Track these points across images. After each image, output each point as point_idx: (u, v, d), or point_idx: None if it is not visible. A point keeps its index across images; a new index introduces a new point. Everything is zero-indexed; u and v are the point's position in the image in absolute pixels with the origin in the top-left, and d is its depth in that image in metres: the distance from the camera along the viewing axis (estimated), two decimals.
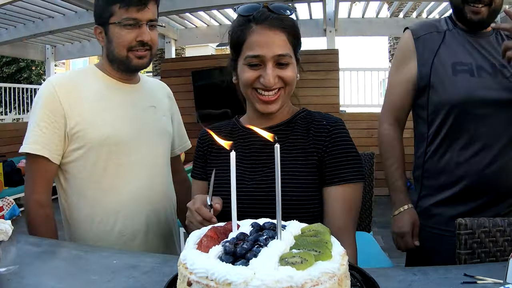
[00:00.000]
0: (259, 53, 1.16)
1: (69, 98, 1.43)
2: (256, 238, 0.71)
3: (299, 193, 1.17)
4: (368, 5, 7.59)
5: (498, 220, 1.42)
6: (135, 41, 1.44)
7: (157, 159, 1.59)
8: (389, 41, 9.75)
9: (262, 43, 1.17)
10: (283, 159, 1.15)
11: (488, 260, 1.42)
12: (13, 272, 0.99)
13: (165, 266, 1.06)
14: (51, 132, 1.41)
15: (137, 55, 1.46)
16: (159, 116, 1.62)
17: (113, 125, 1.46)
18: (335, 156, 1.19)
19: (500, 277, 0.89)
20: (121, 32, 1.43)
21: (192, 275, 0.64)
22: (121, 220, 1.48)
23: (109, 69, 1.54)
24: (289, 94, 1.25)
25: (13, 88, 8.81)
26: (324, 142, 1.21)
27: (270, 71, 1.16)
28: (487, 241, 1.42)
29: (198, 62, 6.89)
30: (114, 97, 1.51)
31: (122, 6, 1.40)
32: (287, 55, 1.18)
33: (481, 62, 1.51)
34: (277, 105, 1.21)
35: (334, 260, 0.66)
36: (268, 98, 1.19)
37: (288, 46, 1.20)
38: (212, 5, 6.39)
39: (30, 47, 9.25)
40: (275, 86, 1.17)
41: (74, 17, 7.09)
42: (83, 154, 1.44)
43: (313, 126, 1.25)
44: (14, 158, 7.18)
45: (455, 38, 1.59)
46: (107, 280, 0.98)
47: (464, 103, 1.47)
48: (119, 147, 1.47)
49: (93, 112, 1.45)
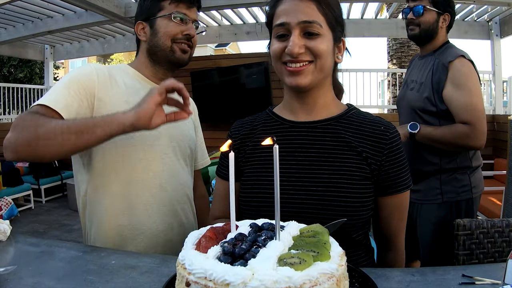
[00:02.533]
0: (284, 20, 1.09)
1: (103, 83, 1.41)
2: (254, 238, 0.71)
3: (353, 197, 1.08)
4: (367, 6, 7.60)
5: (497, 221, 1.43)
6: (181, 34, 1.48)
7: (179, 159, 1.56)
8: (387, 42, 9.75)
9: (288, 10, 1.10)
10: (334, 157, 1.12)
11: (487, 261, 1.42)
12: (11, 272, 0.99)
13: (163, 267, 1.06)
14: (79, 104, 1.32)
15: (181, 48, 1.50)
16: (185, 122, 1.58)
17: None
18: (395, 165, 1.13)
19: (499, 278, 0.89)
20: (170, 23, 1.47)
21: (190, 275, 0.64)
22: (143, 216, 1.44)
23: (145, 66, 1.55)
24: (323, 71, 1.13)
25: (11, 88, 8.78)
26: (384, 150, 1.12)
27: (295, 37, 1.07)
28: (485, 242, 1.43)
29: (197, 63, 6.88)
30: (142, 93, 1.39)
31: (173, 2, 1.47)
32: (315, 23, 1.07)
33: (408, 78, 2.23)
34: (306, 79, 1.10)
35: (333, 261, 0.66)
36: (295, 68, 1.09)
37: (319, 16, 1.09)
38: (211, 5, 6.39)
39: (29, 47, 9.24)
40: (302, 57, 1.08)
41: (73, 17, 7.08)
42: (105, 144, 1.30)
43: (368, 129, 1.15)
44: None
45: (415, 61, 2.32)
46: (106, 281, 0.98)
47: None
48: (145, 142, 1.44)
49: (119, 103, 1.39)
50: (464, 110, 1.95)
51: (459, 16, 7.43)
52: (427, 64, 2.12)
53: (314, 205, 1.07)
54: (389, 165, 1.12)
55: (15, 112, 9.08)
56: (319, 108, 1.19)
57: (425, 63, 2.14)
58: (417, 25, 2.08)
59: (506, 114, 6.87)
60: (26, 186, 6.62)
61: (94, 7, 5.71)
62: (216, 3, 6.31)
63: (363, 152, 1.12)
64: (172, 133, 1.53)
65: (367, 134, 1.14)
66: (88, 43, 9.24)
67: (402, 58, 9.32)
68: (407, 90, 2.21)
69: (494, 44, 7.34)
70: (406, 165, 1.15)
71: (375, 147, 1.12)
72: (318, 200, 1.07)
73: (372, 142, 1.13)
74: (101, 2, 5.61)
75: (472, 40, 7.60)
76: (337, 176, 1.09)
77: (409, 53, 9.26)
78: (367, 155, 1.12)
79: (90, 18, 6.83)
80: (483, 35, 7.50)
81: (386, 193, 1.14)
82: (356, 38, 8.34)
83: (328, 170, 1.10)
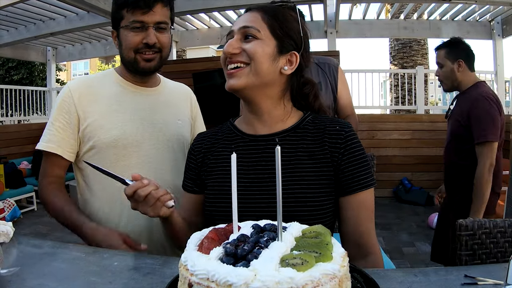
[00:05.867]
0: (231, 29, 1.18)
1: (83, 101, 1.49)
2: (256, 239, 0.71)
3: (316, 205, 1.12)
4: (369, 7, 7.60)
5: (499, 221, 1.43)
6: (142, 44, 1.46)
7: (168, 163, 1.58)
8: (389, 43, 9.75)
9: (237, 21, 1.19)
10: (296, 168, 1.14)
11: (489, 261, 1.42)
12: (14, 273, 0.99)
13: (165, 268, 1.06)
14: (66, 131, 1.49)
15: (144, 58, 1.49)
16: (174, 120, 1.63)
17: (122, 127, 1.50)
18: (352, 163, 1.15)
19: (501, 278, 0.89)
20: (128, 35, 1.46)
21: (193, 276, 0.64)
22: (124, 220, 1.51)
23: (124, 72, 1.59)
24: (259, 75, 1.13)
25: (14, 90, 8.81)
26: (340, 149, 1.15)
27: (232, 40, 1.15)
28: (487, 242, 1.43)
29: (199, 64, 6.89)
30: (126, 100, 1.54)
31: (129, 9, 1.44)
32: (252, 27, 1.14)
33: None
34: (239, 80, 1.13)
35: (335, 262, 0.66)
36: (230, 71, 1.14)
37: (261, 23, 1.15)
38: (213, 7, 6.40)
39: (31, 49, 9.28)
40: (237, 58, 1.13)
41: (75, 19, 7.11)
42: (93, 155, 1.50)
43: (327, 132, 1.18)
44: (16, 160, 7.20)
45: None
46: (108, 282, 0.98)
47: None
48: (127, 149, 1.50)
49: (104, 115, 1.50)
50: None
51: (461, 16, 7.43)
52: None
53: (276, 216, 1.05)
54: (346, 163, 1.14)
55: (17, 114, 9.10)
56: (274, 121, 1.21)
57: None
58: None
59: (508, 114, 6.86)
60: (28, 188, 6.63)
61: (96, 9, 5.74)
62: (217, 4, 6.32)
63: (323, 156, 1.15)
64: (158, 137, 1.56)
65: (324, 137, 1.17)
66: (90, 45, 9.28)
67: (404, 59, 9.32)
68: None
69: (496, 44, 7.34)
70: (365, 163, 1.16)
71: (333, 149, 1.15)
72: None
73: (329, 143, 1.16)
74: (103, 4, 5.63)
75: (474, 40, 7.60)
76: (298, 187, 1.12)
77: (411, 53, 9.26)
78: (326, 158, 1.15)
79: (92, 20, 6.87)
80: (485, 35, 7.51)
81: (347, 192, 1.15)
82: (358, 38, 8.33)
83: (289, 181, 1.12)
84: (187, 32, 8.83)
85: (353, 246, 1.16)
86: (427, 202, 6.39)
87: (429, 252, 3.22)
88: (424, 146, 6.90)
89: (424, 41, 9.34)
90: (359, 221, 1.15)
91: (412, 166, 6.84)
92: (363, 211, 1.16)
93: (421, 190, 6.56)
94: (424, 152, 6.89)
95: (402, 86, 8.50)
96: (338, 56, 6.87)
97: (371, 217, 1.17)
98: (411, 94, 8.32)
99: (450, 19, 7.62)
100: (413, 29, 7.91)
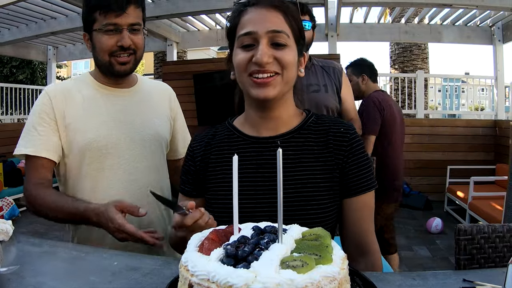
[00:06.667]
0: (251, 29, 1.06)
1: (60, 106, 1.50)
2: (257, 241, 0.71)
3: (322, 207, 1.11)
4: (370, 10, 7.62)
5: (498, 226, 1.43)
6: (116, 46, 1.46)
7: (142, 163, 1.58)
8: (390, 47, 9.76)
9: (255, 19, 1.07)
10: (301, 170, 1.13)
11: (487, 265, 1.42)
12: (13, 272, 0.99)
13: (165, 268, 1.06)
14: (49, 134, 1.48)
15: (119, 61, 1.49)
16: (150, 119, 1.62)
17: (96, 130, 1.50)
18: (357, 165, 1.14)
19: (499, 282, 0.89)
20: (102, 38, 1.45)
21: (193, 277, 0.65)
22: None
23: (98, 74, 1.58)
24: (288, 83, 1.12)
25: (14, 88, 8.81)
26: (345, 152, 1.13)
27: (263, 46, 1.05)
28: (486, 247, 1.43)
29: (200, 65, 6.90)
30: (101, 103, 1.55)
31: (102, 12, 1.43)
32: (283, 32, 1.06)
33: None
34: (274, 90, 1.07)
35: (335, 264, 0.67)
36: (263, 80, 1.06)
37: (285, 26, 1.08)
38: (214, 8, 6.41)
39: (31, 48, 9.28)
40: (270, 68, 1.05)
41: (76, 18, 7.11)
42: (72, 158, 1.51)
43: (331, 134, 1.16)
44: (14, 158, 7.19)
45: None
46: (108, 282, 0.98)
47: None
48: (101, 152, 1.50)
49: (79, 118, 1.50)
50: None
51: (461, 21, 7.45)
52: (312, 69, 2.54)
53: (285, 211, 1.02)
54: (351, 165, 1.13)
55: (17, 113, 9.09)
56: (281, 122, 1.18)
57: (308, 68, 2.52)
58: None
59: (508, 120, 6.88)
60: None
61: None
62: (219, 6, 6.33)
63: (328, 158, 1.14)
64: (133, 137, 1.56)
65: (329, 138, 1.15)
66: None
67: (405, 63, 9.32)
68: (308, 93, 2.48)
69: (497, 49, 7.36)
70: (369, 165, 1.15)
71: (337, 149, 1.14)
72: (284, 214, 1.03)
73: (334, 145, 1.14)
74: None
75: (475, 45, 7.62)
76: (303, 189, 1.11)
77: (411, 57, 9.27)
78: (331, 159, 1.13)
79: None
80: (486, 40, 7.52)
81: (352, 194, 1.14)
82: (358, 42, 8.34)
83: (294, 183, 1.11)
84: (188, 33, 8.84)
85: (353, 245, 1.17)
86: (425, 206, 6.39)
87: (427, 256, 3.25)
88: (424, 150, 6.91)
89: (424, 46, 9.35)
90: (361, 222, 1.16)
91: (411, 170, 6.84)
92: (365, 212, 1.16)
93: (419, 195, 6.55)
94: (424, 156, 6.90)
95: (402, 90, 8.50)
96: (339, 59, 6.88)
97: (371, 217, 1.18)
98: (411, 98, 8.33)
99: (451, 24, 7.64)
100: (414, 33, 7.92)
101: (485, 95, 13.36)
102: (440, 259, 4.35)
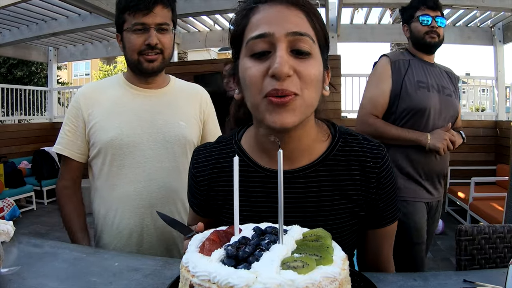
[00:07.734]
0: (266, 30, 0.83)
1: (89, 105, 1.59)
2: (258, 242, 0.71)
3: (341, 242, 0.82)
4: (371, 11, 7.62)
5: (498, 227, 1.43)
6: (144, 45, 1.51)
7: (163, 163, 1.60)
8: (391, 47, 9.75)
9: (271, 18, 0.84)
10: (322, 206, 0.98)
11: (488, 266, 1.42)
12: (14, 273, 0.99)
13: (166, 269, 1.06)
14: (73, 134, 1.60)
15: (147, 59, 1.53)
16: (175, 120, 1.63)
17: (119, 129, 1.54)
18: (385, 198, 1.02)
19: (500, 283, 0.89)
20: (131, 37, 1.51)
21: (194, 278, 0.65)
22: (118, 218, 1.58)
23: (129, 74, 1.64)
24: (311, 107, 0.89)
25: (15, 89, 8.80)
26: (373, 183, 0.99)
27: (283, 52, 0.81)
28: (487, 248, 1.43)
29: (200, 66, 6.90)
30: (128, 102, 1.59)
31: (130, 12, 1.49)
32: (307, 36, 0.83)
33: (432, 82, 2.22)
34: (294, 116, 0.84)
35: (335, 265, 0.67)
36: (281, 100, 0.81)
37: (309, 29, 0.86)
38: (215, 9, 6.41)
39: (33, 49, 9.28)
40: (289, 86, 0.81)
41: (77, 20, 7.13)
42: (96, 154, 1.59)
43: (359, 164, 0.99)
44: (15, 159, 7.20)
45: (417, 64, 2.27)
46: (109, 282, 0.98)
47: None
48: (123, 149, 1.55)
49: (104, 117, 1.56)
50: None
51: (462, 22, 7.45)
52: (442, 73, 2.35)
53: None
54: (379, 199, 1.01)
55: (18, 114, 9.09)
56: (300, 152, 0.98)
57: (440, 72, 2.35)
58: (437, 34, 2.26)
59: (508, 120, 6.87)
60: (28, 188, 6.64)
61: (98, 10, 5.74)
62: (219, 6, 6.33)
63: (353, 191, 0.99)
64: (156, 138, 1.59)
65: (355, 170, 0.99)
66: (92, 46, 9.28)
67: None
68: (444, 95, 2.25)
69: (497, 50, 7.35)
70: (395, 194, 1.04)
71: (364, 182, 0.99)
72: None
73: (361, 177, 0.99)
74: (105, 5, 5.63)
75: (475, 45, 7.61)
76: (324, 222, 0.98)
77: None
78: (357, 194, 0.99)
79: (94, 20, 6.88)
80: (486, 41, 7.51)
81: (376, 226, 1.05)
82: (359, 43, 8.34)
83: (315, 219, 0.98)
84: (188, 34, 8.84)
85: (369, 267, 1.12)
86: None
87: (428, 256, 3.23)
88: None
89: None
90: (381, 249, 1.10)
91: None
92: (387, 241, 1.10)
93: None
94: None
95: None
96: (339, 60, 6.88)
97: (392, 243, 1.12)
98: None
99: (451, 25, 7.63)
100: None
101: (485, 96, 13.36)
102: (441, 260, 4.35)
